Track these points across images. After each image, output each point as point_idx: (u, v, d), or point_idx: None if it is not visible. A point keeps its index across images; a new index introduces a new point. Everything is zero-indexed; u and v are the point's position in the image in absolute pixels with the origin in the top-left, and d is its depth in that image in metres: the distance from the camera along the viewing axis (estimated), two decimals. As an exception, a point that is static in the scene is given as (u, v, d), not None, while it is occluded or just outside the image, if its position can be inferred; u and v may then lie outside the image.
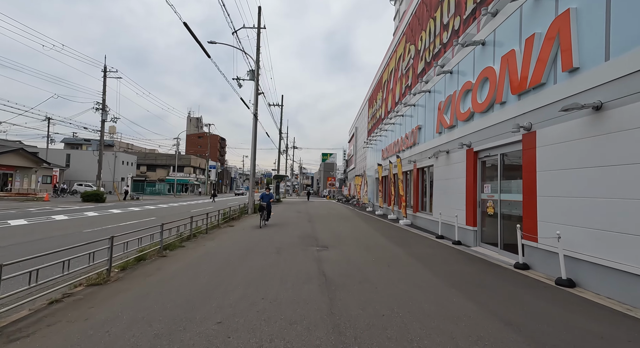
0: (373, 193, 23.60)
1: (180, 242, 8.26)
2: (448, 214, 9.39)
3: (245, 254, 6.93)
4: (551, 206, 5.26)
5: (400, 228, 12.24)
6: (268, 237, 9.27)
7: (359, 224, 13.45)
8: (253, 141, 17.77)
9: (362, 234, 10.32)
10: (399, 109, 16.09)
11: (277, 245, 8.04)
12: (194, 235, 9.38)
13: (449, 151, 9.61)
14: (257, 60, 19.00)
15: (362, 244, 8.40)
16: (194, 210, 19.57)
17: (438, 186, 10.50)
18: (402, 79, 15.89)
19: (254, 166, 18.23)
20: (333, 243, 8.54)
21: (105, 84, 27.53)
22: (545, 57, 5.35)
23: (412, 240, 9.17)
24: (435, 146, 10.75)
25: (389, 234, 10.42)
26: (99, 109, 27.20)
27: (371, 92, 26.83)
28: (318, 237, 9.48)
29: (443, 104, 10.04)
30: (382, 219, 15.93)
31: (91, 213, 15.40)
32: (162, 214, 16.60)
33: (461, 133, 8.74)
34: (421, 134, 12.65)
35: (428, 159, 11.50)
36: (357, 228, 11.85)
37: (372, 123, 25.80)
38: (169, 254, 6.87)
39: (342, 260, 6.42)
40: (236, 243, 8.32)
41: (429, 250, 7.62)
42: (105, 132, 51.80)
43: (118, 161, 44.62)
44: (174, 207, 22.11)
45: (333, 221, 14.46)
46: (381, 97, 21.84)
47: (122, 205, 22.36)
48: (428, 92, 11.66)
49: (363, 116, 32.11)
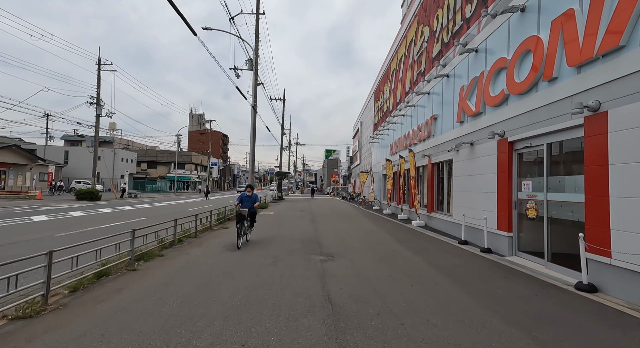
0: (380, 191, 22.30)
1: (160, 250, 7.06)
2: (473, 216, 8.09)
3: (234, 265, 5.71)
4: (633, 211, 3.94)
5: (414, 230, 10.95)
6: (263, 242, 8.04)
7: (367, 225, 12.18)
8: (252, 134, 16.53)
9: (372, 238, 9.06)
10: (410, 99, 14.73)
11: (274, 252, 6.81)
12: (180, 240, 8.19)
13: (473, 143, 8.28)
14: (256, 48, 17.70)
15: (374, 251, 7.14)
16: (190, 209, 18.44)
17: (459, 184, 9.18)
18: (414, 66, 14.51)
19: (253, 161, 17.02)
20: (340, 250, 7.29)
21: (99, 78, 26.40)
22: (627, 8, 4.00)
23: (431, 246, 7.89)
24: (456, 138, 9.42)
25: (403, 238, 9.14)
26: (93, 104, 26.10)
27: (377, 84, 25.42)
28: (322, 242, 8.24)
29: (466, 88, 8.70)
30: (392, 219, 14.64)
31: (77, 213, 14.30)
32: (155, 214, 15.47)
33: (490, 121, 7.40)
34: (437, 125, 11.31)
35: (446, 153, 10.18)
36: (365, 231, 10.58)
37: (378, 117, 24.43)
38: (142, 266, 5.66)
39: (352, 276, 5.17)
40: (226, 249, 7.10)
41: (455, 260, 6.33)
42: (105, 129, 50.93)
43: (117, 157, 43.71)
44: (171, 206, 21.00)
45: (338, 221, 13.22)
46: (389, 88, 20.45)
47: (116, 204, 21.30)
48: (446, 77, 10.29)
49: (368, 110, 30.73)
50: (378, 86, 25.11)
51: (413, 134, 14.03)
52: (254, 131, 16.89)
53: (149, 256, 6.34)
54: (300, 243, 8.05)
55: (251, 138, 16.54)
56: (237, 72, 17.69)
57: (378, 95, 24.99)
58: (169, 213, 16.04)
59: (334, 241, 8.40)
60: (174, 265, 5.77)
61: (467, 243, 8.06)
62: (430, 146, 11.81)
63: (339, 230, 10.53)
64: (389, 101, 20.16)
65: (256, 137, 17.11)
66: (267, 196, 25.98)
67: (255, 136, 17.35)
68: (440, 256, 6.75)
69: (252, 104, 16.69)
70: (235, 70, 17.62)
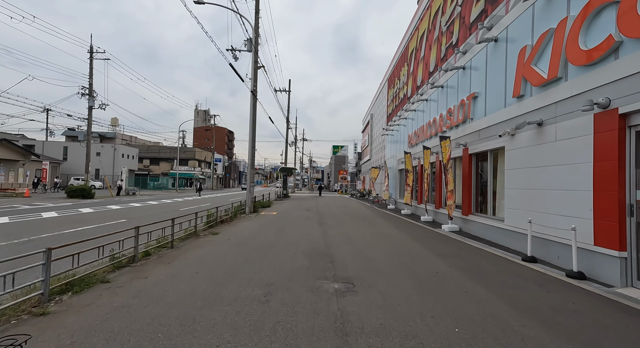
0: (395, 188, 20.07)
1: (112, 270, 5.04)
2: (544, 223, 5.87)
3: (203, 303, 3.65)
4: None
5: (449, 237, 8.75)
6: (257, 257, 5.95)
7: (388, 230, 10.01)
8: (251, 123, 14.45)
9: (400, 249, 6.90)
10: (436, 80, 12.45)
11: (269, 276, 4.72)
12: (147, 253, 6.17)
13: (542, 122, 6.04)
14: (256, 26, 15.56)
15: (411, 273, 4.99)
16: (185, 208, 16.52)
17: (516, 179, 6.95)
18: (441, 39, 12.20)
19: (253, 154, 14.95)
20: (361, 270, 5.17)
21: (91, 67, 24.59)
22: None
23: (487, 265, 5.69)
24: (510, 119, 7.17)
25: (441, 249, 6.96)
26: (85, 95, 24.34)
27: (392, 70, 23.07)
28: (334, 256, 6.12)
29: (530, 49, 6.43)
30: (414, 221, 12.44)
31: (50, 215, 12.45)
32: (143, 214, 13.56)
33: (580, 87, 5.14)
34: (477, 105, 9.05)
35: (492, 140, 7.95)
36: (387, 237, 8.43)
37: (393, 106, 22.12)
38: (62, 305, 3.63)
39: (390, 330, 3.04)
40: (202, 270, 5.04)
41: (542, 295, 4.14)
42: (106, 124, 49.49)
43: (117, 154, 42.25)
44: (166, 205, 19.13)
45: (351, 224, 11.08)
46: (406, 72, 18.14)
47: (106, 202, 19.52)
48: (493, 41, 8.02)
49: (380, 100, 28.40)
50: (392, 72, 22.77)
51: (441, 120, 11.77)
52: (254, 119, 14.81)
53: (86, 284, 4.32)
54: (306, 258, 5.95)
55: (250, 127, 14.46)
56: (234, 54, 15.61)
57: (392, 82, 22.65)
58: (159, 212, 14.13)
59: (351, 255, 6.27)
60: (114, 300, 3.73)
61: (536, 261, 5.85)
62: (467, 132, 9.55)
63: (354, 237, 8.40)
64: (407, 87, 17.84)
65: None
66: (270, 194, 23.95)
67: (256, 126, 15.28)
68: (512, 284, 4.57)
69: (251, 88, 14.59)
70: (233, 51, 15.54)
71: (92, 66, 24.75)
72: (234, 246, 7.03)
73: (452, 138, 10.34)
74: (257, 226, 10.41)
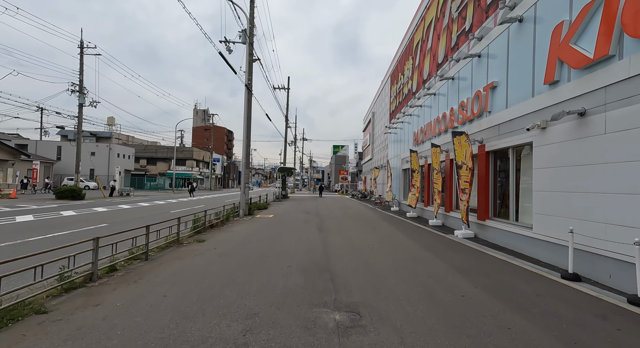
0: (399, 189, 19.06)
1: (58, 294, 4.05)
2: (590, 232, 4.87)
3: (162, 347, 2.65)
4: None
5: (465, 245, 7.73)
6: (243, 273, 4.93)
7: (395, 236, 9.00)
8: (245, 119, 13.45)
9: (414, 263, 5.88)
10: (445, 72, 11.45)
11: (252, 305, 3.69)
12: (113, 268, 5.18)
13: (585, 112, 5.03)
14: (251, 16, 14.57)
15: (432, 300, 3.97)
16: (176, 210, 15.52)
17: (547, 179, 5.94)
18: (451, 27, 11.19)
19: (248, 152, 13.95)
20: (368, 293, 4.15)
21: (82, 63, 23.64)
22: None
23: (521, 285, 4.68)
24: (540, 109, 6.17)
25: (460, 262, 5.95)
26: (75, 92, 23.37)
27: (395, 65, 22.06)
28: (336, 271, 5.11)
29: (570, 25, 5.42)
30: (422, 225, 11.42)
31: (25, 218, 11.47)
32: (129, 217, 12.57)
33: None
34: (495, 97, 8.04)
35: (516, 135, 6.95)
36: (396, 246, 7.41)
37: (396, 103, 21.11)
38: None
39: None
40: (172, 293, 4.03)
41: (616, 335, 3.13)
42: (103, 123, 48.57)
43: (113, 153, 41.26)
44: (158, 206, 18.14)
45: (354, 228, 10.07)
46: (411, 66, 17.13)
47: (95, 204, 18.54)
48: (517, 21, 7.00)
49: (383, 97, 27.39)
50: (396, 67, 21.75)
51: (452, 115, 10.75)
52: (249, 115, 13.81)
53: (12, 317, 3.32)
54: (302, 275, 4.95)
55: (244, 123, 13.46)
56: (228, 46, 14.60)
57: (395, 77, 21.64)
58: (147, 215, 13.15)
59: (355, 269, 5.26)
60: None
61: (580, 279, 4.83)
62: (484, 127, 8.54)
63: (357, 245, 7.38)
64: (412, 81, 16.83)
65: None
66: (268, 195, 22.94)
67: (251, 122, 14.28)
68: (564, 316, 3.55)
69: (245, 82, 13.59)
70: (227, 43, 14.53)
71: (82, 61, 23.78)
72: (218, 258, 6.02)
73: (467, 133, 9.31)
74: (250, 231, 9.42)
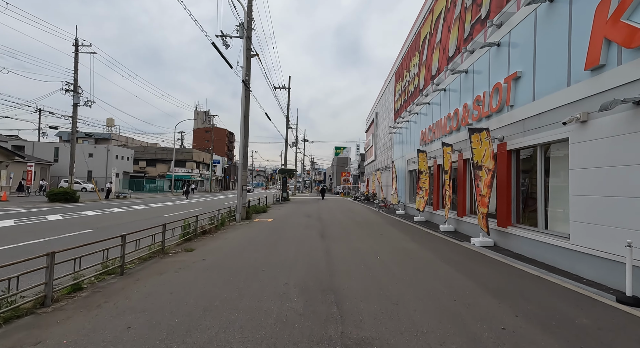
0: (404, 192, 18.17)
1: (4, 321, 3.23)
2: (652, 246, 3.98)
3: None
4: None
5: (487, 257, 6.84)
6: (230, 295, 4.07)
7: (407, 245, 8.11)
8: (243, 116, 12.64)
9: (434, 281, 4.99)
10: (457, 65, 10.60)
11: (235, 339, 2.87)
12: (78, 287, 4.34)
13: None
14: (249, 8, 13.80)
15: (467, 336, 3.09)
16: (170, 214, 14.71)
17: (589, 181, 5.07)
18: (465, 16, 10.35)
19: (246, 153, 13.12)
20: (383, 325, 3.25)
21: (76, 61, 22.94)
22: None
23: (572, 312, 3.79)
24: (579, 100, 5.30)
25: (489, 279, 5.05)
26: (69, 91, 22.66)
27: (399, 62, 21.23)
28: (342, 294, 4.21)
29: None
30: (432, 231, 10.52)
31: (5, 223, 10.68)
32: (118, 222, 11.76)
33: None
34: (519, 88, 7.17)
35: (543, 132, 6.08)
36: (410, 259, 6.52)
37: (401, 101, 20.26)
38: None
39: None
40: (139, 323, 3.17)
41: None
42: (102, 125, 47.70)
43: (111, 155, 40.57)
44: (152, 209, 17.33)
45: (360, 235, 9.19)
46: (417, 62, 16.28)
47: (87, 207, 17.76)
48: (548, 1, 6.15)
49: (387, 96, 26.55)
50: (401, 64, 20.91)
51: (465, 111, 9.89)
52: (246, 114, 13.01)
53: None
54: (301, 297, 4.08)
55: (242, 122, 12.65)
56: (224, 41, 13.82)
57: (400, 75, 20.79)
58: (139, 219, 12.35)
59: (366, 290, 4.39)
60: None
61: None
62: (504, 123, 7.68)
63: (365, 256, 6.51)
64: (418, 78, 15.98)
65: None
66: (267, 198, 22.09)
67: (249, 121, 13.48)
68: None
69: (242, 78, 12.78)
70: (223, 38, 13.75)
71: (77, 60, 23.09)
72: (205, 273, 5.17)
73: (483, 131, 8.44)
74: (246, 238, 8.57)
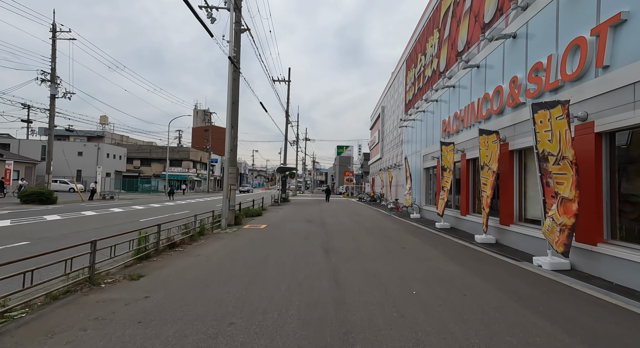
0: (420, 192, 15.86)
1: None
2: None
3: None
4: None
5: (583, 293, 4.52)
6: None
7: (446, 267, 5.77)
8: (229, 98, 10.36)
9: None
10: (497, 32, 8.31)
11: None
12: None
13: None
14: (239, -27, 11.54)
15: None
16: (145, 220, 12.48)
17: None
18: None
19: (235, 146, 10.85)
20: None
21: (54, 49, 20.76)
22: None
23: None
24: None
25: None
26: (45, 81, 20.48)
27: (412, 47, 18.92)
28: None
29: None
30: (467, 242, 8.19)
31: None
32: (77, 229, 9.53)
33: None
34: (622, 39, 4.87)
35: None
36: (468, 299, 4.18)
37: (414, 90, 17.95)
38: None
39: None
40: None
41: None
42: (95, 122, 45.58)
43: (102, 153, 38.42)
44: (132, 212, 15.09)
45: (377, 252, 6.87)
46: (437, 41, 13.98)
47: (58, 210, 15.56)
48: None
49: (396, 87, 24.23)
50: (413, 49, 18.60)
51: (513, 87, 7.57)
52: (235, 98, 10.75)
53: None
54: None
55: (228, 106, 10.37)
56: (210, 13, 11.59)
57: (413, 61, 18.48)
58: (107, 226, 10.13)
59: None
60: None
61: None
62: (590, 95, 5.37)
63: (393, 289, 4.19)
64: (438, 59, 13.68)
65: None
66: (264, 199, 19.80)
67: (238, 107, 11.23)
68: None
69: (229, 54, 10.51)
70: (209, 9, 11.51)
71: (54, 47, 20.91)
72: (129, 332, 2.89)
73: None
74: (224, 255, 6.30)
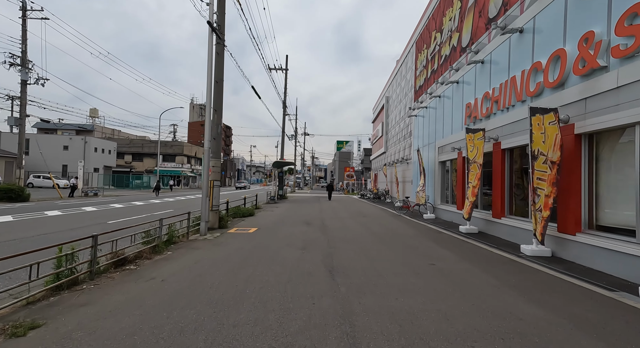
0: (434, 189, 13.96)
1: None
2: None
3: None
4: None
5: None
6: None
7: (515, 307, 3.86)
8: (209, 75, 8.35)
9: None
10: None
11: None
12: None
13: None
14: None
15: None
16: (116, 221, 10.55)
17: None
18: None
19: (218, 133, 8.91)
20: None
21: (25, 29, 18.65)
22: None
23: None
24: None
25: None
26: (14, 65, 18.41)
27: (423, 26, 16.89)
28: None
29: None
30: (514, 256, 6.30)
31: None
32: (22, 235, 7.59)
33: None
34: None
35: None
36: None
37: (426, 74, 15.96)
38: None
39: None
40: None
41: None
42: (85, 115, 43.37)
43: (89, 147, 36.35)
44: (106, 212, 13.16)
45: (402, 276, 4.96)
46: (457, 13, 11.97)
47: (20, 209, 13.62)
48: None
49: (403, 74, 22.21)
50: (425, 28, 16.57)
51: (586, 48, 5.62)
52: (220, 72, 8.77)
53: None
54: None
55: (208, 83, 8.38)
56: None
57: (425, 42, 16.46)
58: (61, 230, 8.19)
59: None
60: None
61: None
62: None
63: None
64: (459, 33, 11.69)
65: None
66: (259, 195, 17.86)
67: (223, 84, 9.26)
68: None
69: (208, 18, 8.48)
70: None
71: (25, 28, 18.80)
72: None
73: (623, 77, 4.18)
74: (186, 281, 4.36)
